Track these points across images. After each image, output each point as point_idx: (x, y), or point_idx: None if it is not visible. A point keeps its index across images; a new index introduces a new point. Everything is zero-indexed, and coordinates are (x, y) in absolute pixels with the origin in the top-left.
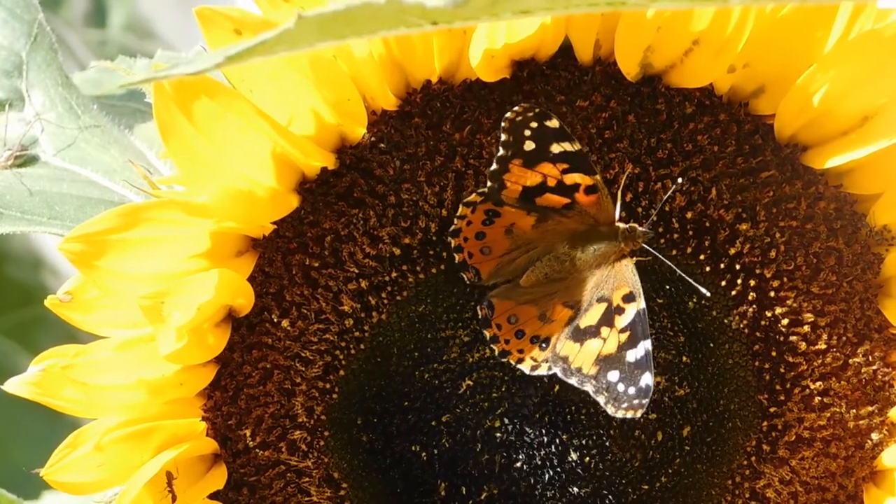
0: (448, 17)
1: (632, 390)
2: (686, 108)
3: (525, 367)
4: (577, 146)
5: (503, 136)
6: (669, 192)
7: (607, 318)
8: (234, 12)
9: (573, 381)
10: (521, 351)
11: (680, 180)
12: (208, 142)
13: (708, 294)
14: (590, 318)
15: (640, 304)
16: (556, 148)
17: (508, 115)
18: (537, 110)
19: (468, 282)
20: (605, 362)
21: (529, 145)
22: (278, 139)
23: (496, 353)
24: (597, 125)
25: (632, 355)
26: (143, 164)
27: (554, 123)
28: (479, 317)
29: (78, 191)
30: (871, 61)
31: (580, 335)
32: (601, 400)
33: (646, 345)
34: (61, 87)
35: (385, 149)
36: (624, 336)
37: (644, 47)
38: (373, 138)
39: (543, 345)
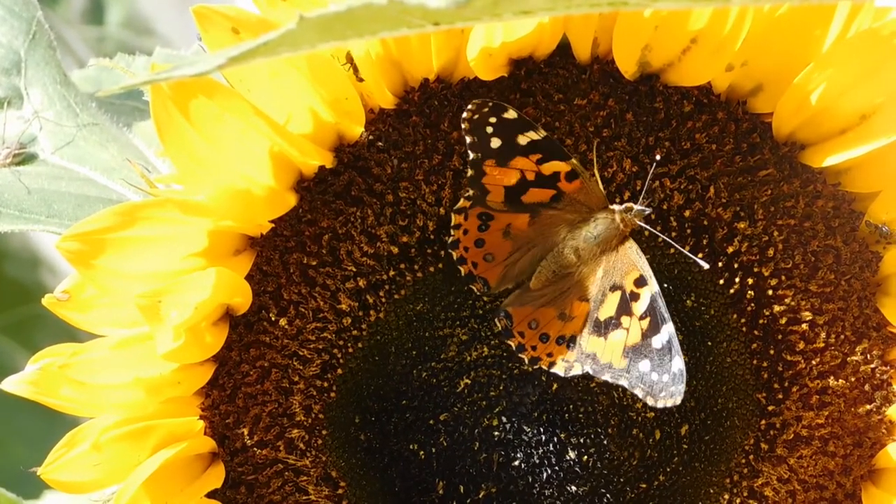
0: (450, 17)
1: (666, 377)
2: (684, 107)
3: (559, 370)
4: (541, 133)
5: (468, 139)
6: (652, 168)
7: (624, 307)
8: (231, 11)
9: (606, 377)
10: (549, 354)
11: (658, 157)
12: (206, 141)
13: (707, 266)
14: (607, 308)
15: (653, 286)
16: (522, 139)
17: (464, 115)
18: (491, 104)
19: (479, 293)
20: (633, 353)
21: (496, 142)
22: (276, 138)
23: (525, 361)
24: (595, 123)
25: (657, 341)
26: (142, 163)
27: (511, 115)
28: (500, 328)
29: (76, 189)
30: (869, 60)
31: (602, 328)
32: (639, 393)
33: (668, 328)
34: (60, 85)
35: (383, 147)
36: (645, 323)
37: (642, 46)
38: (370, 137)
39: (570, 344)
